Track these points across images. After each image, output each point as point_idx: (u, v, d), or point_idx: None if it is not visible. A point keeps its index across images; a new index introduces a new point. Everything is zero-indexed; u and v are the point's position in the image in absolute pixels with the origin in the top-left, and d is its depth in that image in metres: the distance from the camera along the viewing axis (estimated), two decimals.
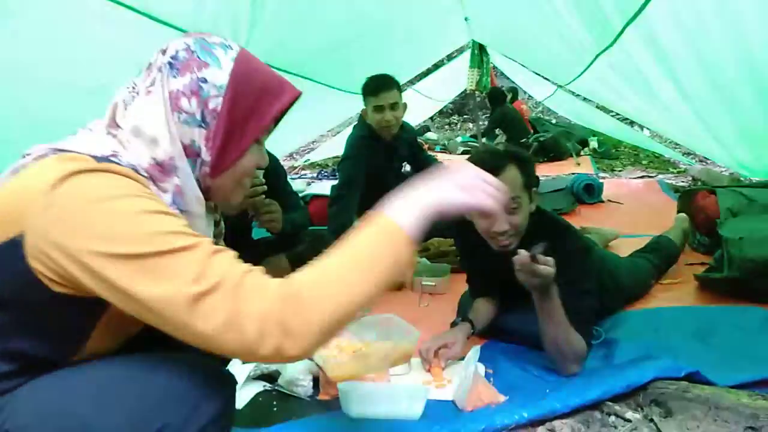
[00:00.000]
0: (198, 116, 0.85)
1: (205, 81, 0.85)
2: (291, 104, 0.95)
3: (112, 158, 0.79)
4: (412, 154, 3.23)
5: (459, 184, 0.85)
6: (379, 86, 2.79)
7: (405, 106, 2.87)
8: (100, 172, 0.74)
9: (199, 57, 0.86)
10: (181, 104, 0.84)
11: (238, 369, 1.59)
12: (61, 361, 0.79)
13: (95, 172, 0.74)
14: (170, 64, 0.85)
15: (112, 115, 0.85)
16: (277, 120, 0.97)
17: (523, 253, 1.37)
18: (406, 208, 0.82)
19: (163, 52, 0.87)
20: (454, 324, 1.76)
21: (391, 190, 0.85)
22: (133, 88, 0.87)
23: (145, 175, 0.81)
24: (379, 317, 1.15)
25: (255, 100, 0.88)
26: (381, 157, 2.90)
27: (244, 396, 1.50)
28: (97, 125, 0.86)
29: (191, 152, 0.86)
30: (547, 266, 1.38)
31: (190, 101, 0.84)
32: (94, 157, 0.77)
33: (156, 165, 0.83)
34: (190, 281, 0.70)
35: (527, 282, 1.41)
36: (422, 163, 3.21)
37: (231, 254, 0.78)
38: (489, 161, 1.54)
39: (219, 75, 0.85)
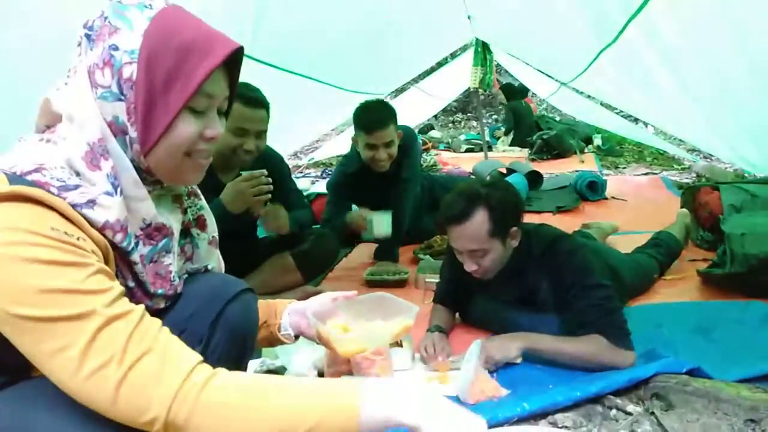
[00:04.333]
0: (115, 89, 0.77)
1: (116, 48, 0.76)
2: (233, 62, 0.84)
3: (30, 175, 0.72)
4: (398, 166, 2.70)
5: None
6: (372, 123, 2.49)
7: (400, 135, 2.60)
8: (2, 202, 0.69)
9: (110, 23, 0.77)
10: (96, 79, 0.77)
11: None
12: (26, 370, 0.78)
13: None
14: (87, 36, 0.78)
15: (42, 114, 0.81)
16: (233, 85, 0.87)
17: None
18: (384, 411, 0.72)
19: (84, 25, 0.80)
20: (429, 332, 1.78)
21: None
22: (68, 72, 0.81)
23: (75, 173, 0.75)
24: (370, 297, 1.14)
25: (176, 61, 0.77)
26: (369, 189, 2.68)
27: None
28: (30, 135, 0.81)
29: (117, 130, 0.78)
30: (495, 357, 1.54)
31: (103, 73, 0.76)
32: (10, 175, 0.72)
33: (90, 151, 0.76)
34: (77, 353, 0.68)
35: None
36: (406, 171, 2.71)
37: (130, 320, 0.72)
38: (457, 208, 1.59)
39: (130, 38, 0.76)
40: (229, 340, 1.00)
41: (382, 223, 2.59)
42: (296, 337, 1.17)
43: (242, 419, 0.70)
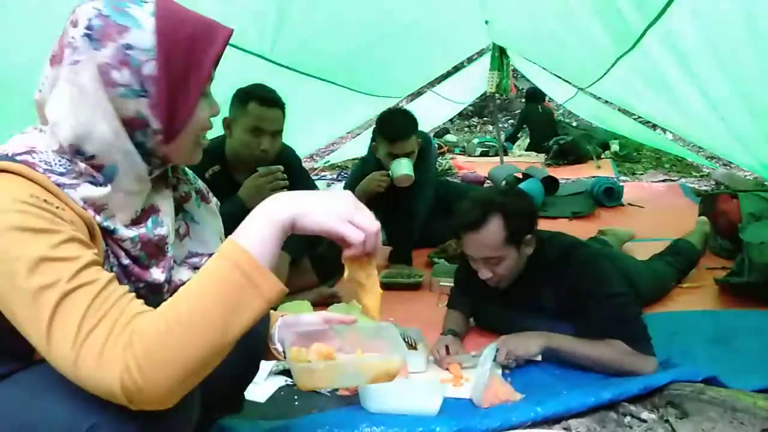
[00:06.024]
0: (136, 86, 0.81)
1: (130, 47, 0.80)
2: (225, 45, 0.88)
3: (20, 156, 0.77)
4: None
5: (328, 207, 0.79)
6: (396, 134, 2.54)
7: (420, 144, 2.65)
8: None
9: (115, 21, 0.80)
10: (113, 78, 0.80)
11: (261, 364, 1.64)
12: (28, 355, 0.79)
13: None
14: (88, 36, 0.79)
15: (40, 112, 0.84)
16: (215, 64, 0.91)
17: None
18: (260, 231, 0.76)
19: (74, 24, 0.80)
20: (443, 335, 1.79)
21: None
22: (46, 77, 0.82)
23: (59, 169, 0.79)
24: (377, 326, 0.99)
25: (188, 52, 0.83)
26: (384, 192, 2.59)
27: (266, 390, 1.55)
28: (30, 127, 0.85)
29: (139, 124, 0.83)
30: (517, 352, 1.57)
31: (121, 73, 0.80)
32: (0, 155, 0.77)
33: (66, 150, 0.80)
34: (45, 324, 0.69)
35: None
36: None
37: (90, 291, 0.71)
38: (472, 215, 1.59)
39: (143, 37, 0.80)
40: (238, 349, 0.92)
41: (403, 165, 2.49)
42: (284, 352, 1.10)
43: (178, 348, 0.70)
